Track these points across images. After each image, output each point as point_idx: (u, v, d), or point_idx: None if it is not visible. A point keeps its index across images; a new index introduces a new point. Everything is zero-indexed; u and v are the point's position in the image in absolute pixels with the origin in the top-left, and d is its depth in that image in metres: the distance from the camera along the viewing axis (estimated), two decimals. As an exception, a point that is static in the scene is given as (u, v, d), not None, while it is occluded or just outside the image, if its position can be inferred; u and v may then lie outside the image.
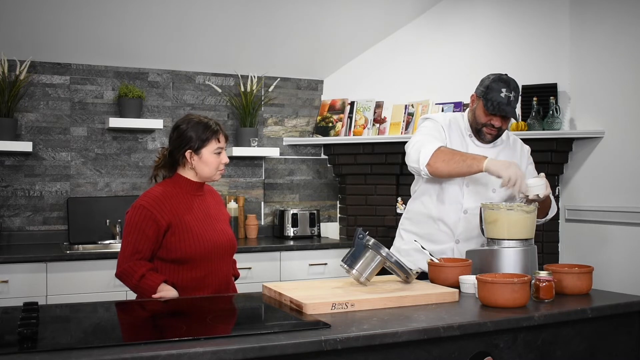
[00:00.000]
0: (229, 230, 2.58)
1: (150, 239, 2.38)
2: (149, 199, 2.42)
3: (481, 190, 2.74)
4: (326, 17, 4.40)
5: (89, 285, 3.65)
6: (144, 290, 2.36)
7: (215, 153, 2.48)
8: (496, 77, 2.68)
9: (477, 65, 4.39)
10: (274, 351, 1.60)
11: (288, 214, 4.61)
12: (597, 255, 3.89)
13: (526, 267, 2.40)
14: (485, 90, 2.67)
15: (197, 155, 2.46)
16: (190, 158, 2.46)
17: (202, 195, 2.54)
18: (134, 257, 2.38)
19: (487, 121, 2.70)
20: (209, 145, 2.47)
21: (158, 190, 2.46)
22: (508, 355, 1.95)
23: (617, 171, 3.85)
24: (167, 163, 2.54)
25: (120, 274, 2.42)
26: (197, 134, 2.45)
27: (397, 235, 2.98)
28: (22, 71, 3.98)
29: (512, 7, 4.32)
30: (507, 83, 2.65)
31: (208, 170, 2.48)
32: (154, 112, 4.49)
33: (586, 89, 4.04)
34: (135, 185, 4.44)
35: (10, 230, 4.11)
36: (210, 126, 2.48)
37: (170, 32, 4.20)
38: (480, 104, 2.70)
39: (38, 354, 1.52)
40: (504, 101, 2.62)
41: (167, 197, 2.44)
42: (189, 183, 2.50)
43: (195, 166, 2.47)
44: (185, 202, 2.47)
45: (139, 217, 2.39)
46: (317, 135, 4.85)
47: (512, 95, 2.64)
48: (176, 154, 2.48)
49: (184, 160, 2.47)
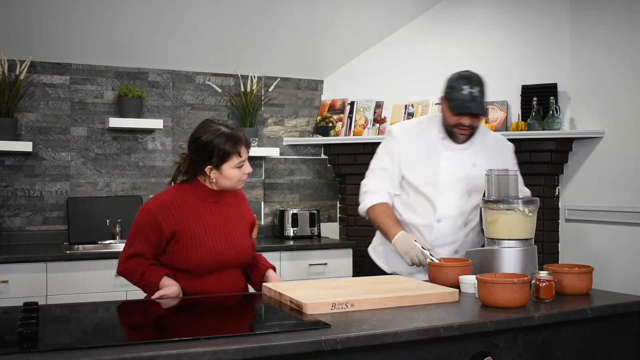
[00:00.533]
0: (242, 241, 2.46)
1: (152, 243, 2.35)
2: (158, 203, 2.36)
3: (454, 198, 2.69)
4: (326, 17, 4.40)
5: (89, 285, 3.65)
6: (147, 286, 2.36)
7: (236, 167, 2.36)
8: (457, 75, 2.63)
9: (477, 65, 4.36)
10: (274, 351, 1.60)
11: (288, 214, 4.61)
12: (597, 255, 3.89)
13: (526, 267, 2.40)
14: (448, 91, 2.62)
15: (218, 171, 2.35)
16: (210, 172, 2.35)
17: (220, 202, 2.44)
18: (134, 258, 2.38)
19: (456, 121, 2.62)
20: (230, 161, 2.34)
21: (169, 195, 2.39)
22: (508, 355, 1.95)
23: (617, 171, 3.85)
24: (187, 170, 2.42)
25: (121, 272, 2.41)
26: (217, 149, 2.31)
27: (376, 235, 2.93)
28: (22, 71, 3.98)
29: (512, 7, 4.32)
30: (469, 79, 2.58)
31: (229, 183, 2.38)
32: (154, 112, 4.49)
33: (586, 89, 4.04)
34: (135, 185, 4.44)
35: (10, 230, 4.11)
36: (232, 139, 2.33)
37: (170, 32, 4.20)
38: (445, 106, 2.64)
39: (38, 354, 1.52)
40: (467, 98, 2.55)
41: (177, 203, 2.36)
42: (206, 191, 2.41)
43: (215, 180, 2.37)
44: (198, 210, 2.38)
45: (144, 221, 2.35)
46: (317, 135, 4.85)
47: (476, 90, 2.56)
48: (196, 166, 2.38)
49: (204, 174, 2.37)
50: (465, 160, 2.70)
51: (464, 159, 2.70)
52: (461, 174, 2.68)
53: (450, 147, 2.70)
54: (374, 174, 2.76)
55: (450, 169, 2.68)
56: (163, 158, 4.52)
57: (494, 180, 2.53)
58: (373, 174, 2.77)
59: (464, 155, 2.70)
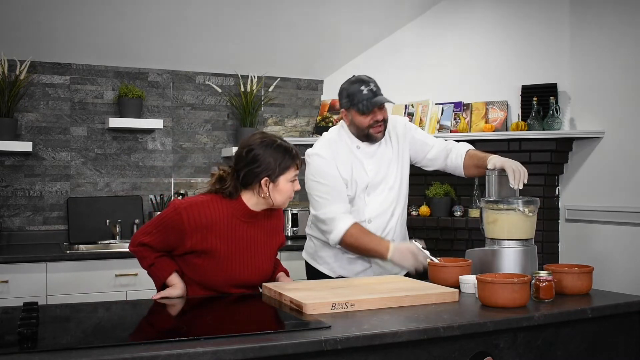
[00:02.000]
0: (265, 265, 2.38)
1: (169, 244, 2.30)
2: (191, 211, 2.24)
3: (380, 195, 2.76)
4: (326, 17, 4.40)
5: (89, 285, 3.65)
6: (153, 277, 2.34)
7: (291, 181, 2.30)
8: (347, 83, 2.73)
9: (477, 65, 4.40)
10: (274, 351, 1.60)
11: (288, 214, 4.61)
12: (597, 255, 3.89)
13: (526, 267, 2.40)
14: (349, 100, 2.68)
15: (274, 183, 2.27)
16: (266, 186, 2.27)
17: (254, 223, 2.34)
18: (145, 247, 2.32)
19: (370, 121, 2.67)
20: (288, 173, 2.28)
21: (207, 209, 2.26)
22: (508, 355, 1.95)
23: (617, 171, 3.85)
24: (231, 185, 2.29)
25: (133, 252, 2.35)
26: (276, 160, 2.26)
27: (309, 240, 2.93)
28: (22, 71, 3.98)
29: (512, 7, 4.32)
30: (361, 80, 2.68)
31: (280, 199, 2.30)
32: (154, 112, 4.49)
33: (586, 89, 4.04)
34: (135, 185, 4.44)
35: (10, 230, 4.11)
36: (290, 152, 2.29)
37: (170, 32, 4.20)
38: (353, 113, 2.69)
39: (38, 354, 1.52)
40: (370, 95, 2.64)
41: (210, 220, 2.25)
42: (246, 210, 2.31)
43: (268, 194, 2.28)
44: (228, 230, 2.28)
45: (171, 222, 2.26)
46: (317, 135, 4.85)
47: (372, 85, 2.67)
48: (250, 179, 2.27)
49: (257, 186, 2.28)
50: (382, 160, 2.79)
51: (381, 159, 2.79)
52: (382, 174, 2.78)
53: (366, 154, 2.77)
54: (325, 201, 2.67)
55: (372, 172, 2.77)
56: (163, 158, 4.52)
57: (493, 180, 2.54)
58: (324, 201, 2.67)
59: (380, 155, 2.78)
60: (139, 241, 2.33)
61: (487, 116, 4.29)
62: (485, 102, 4.33)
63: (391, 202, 2.79)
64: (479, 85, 4.37)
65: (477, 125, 4.28)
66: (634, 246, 3.73)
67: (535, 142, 4.06)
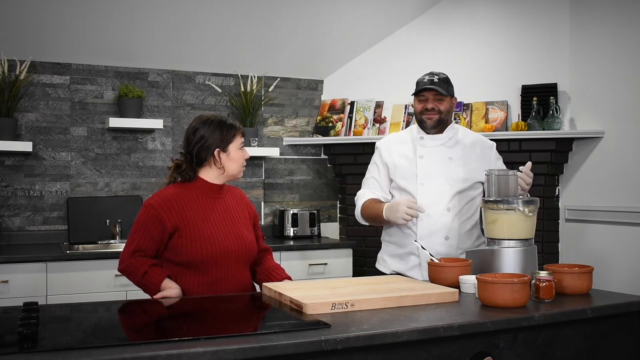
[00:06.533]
0: (246, 234, 2.52)
1: (154, 239, 2.37)
2: (159, 199, 2.41)
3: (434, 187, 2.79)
4: (326, 17, 4.40)
5: (89, 285, 3.65)
6: (148, 287, 2.37)
7: (239, 149, 2.50)
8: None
9: (477, 65, 4.40)
10: (274, 351, 1.60)
11: (288, 213, 4.61)
12: (597, 255, 3.89)
13: (526, 267, 2.40)
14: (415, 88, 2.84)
15: (225, 153, 2.46)
16: (219, 156, 2.45)
17: (221, 198, 2.51)
18: (136, 254, 2.38)
19: (422, 108, 2.81)
20: (235, 141, 2.48)
21: (171, 191, 2.44)
22: (508, 355, 1.95)
23: (617, 171, 3.85)
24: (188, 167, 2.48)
25: (123, 270, 2.43)
26: (222, 132, 2.46)
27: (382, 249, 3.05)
28: (22, 71, 3.98)
29: (512, 7, 4.32)
30: (431, 72, 2.83)
31: (235, 166, 2.49)
32: (154, 112, 4.49)
33: (586, 89, 4.04)
34: (135, 185, 4.44)
35: (10, 230, 4.11)
36: (231, 123, 2.51)
37: (170, 32, 4.20)
38: (413, 98, 2.86)
39: (38, 354, 1.52)
40: (426, 80, 2.79)
41: (179, 198, 2.42)
42: (208, 186, 2.48)
43: (223, 164, 2.46)
44: (200, 205, 2.44)
45: (146, 216, 2.39)
46: (317, 135, 4.85)
47: (435, 77, 2.79)
48: (203, 155, 2.45)
49: (212, 159, 2.46)
50: (441, 154, 2.83)
51: (440, 153, 2.83)
52: (438, 166, 2.81)
53: (425, 144, 2.85)
54: (364, 184, 2.97)
55: (427, 161, 2.82)
56: (163, 158, 4.52)
57: (494, 180, 2.53)
58: (364, 184, 2.97)
59: (439, 150, 2.83)
60: (128, 252, 2.41)
61: (487, 116, 4.29)
62: (485, 102, 4.33)
63: (446, 198, 2.78)
64: (479, 85, 4.37)
65: (477, 125, 4.28)
66: (634, 246, 3.73)
67: (535, 142, 4.07)
